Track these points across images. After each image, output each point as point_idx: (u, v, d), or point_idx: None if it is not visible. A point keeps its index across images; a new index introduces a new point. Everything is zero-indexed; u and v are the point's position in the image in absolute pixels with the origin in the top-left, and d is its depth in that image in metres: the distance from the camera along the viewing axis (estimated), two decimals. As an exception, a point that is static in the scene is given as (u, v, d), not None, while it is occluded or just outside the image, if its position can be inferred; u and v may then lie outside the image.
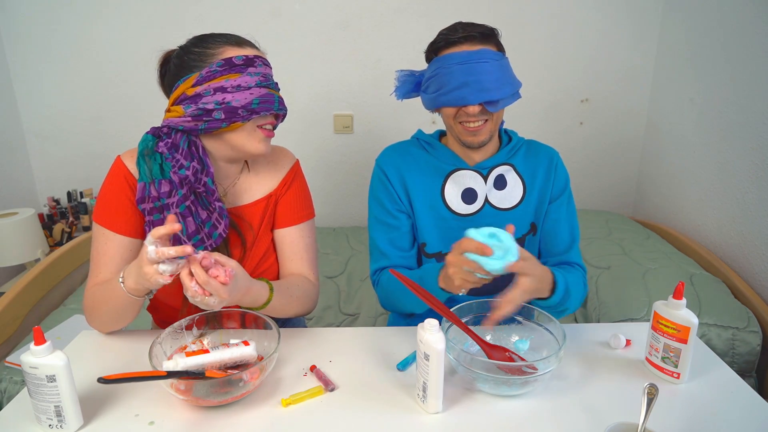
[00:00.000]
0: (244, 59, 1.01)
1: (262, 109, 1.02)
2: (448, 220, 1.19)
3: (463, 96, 1.07)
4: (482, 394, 0.92)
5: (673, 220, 2.20)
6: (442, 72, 1.10)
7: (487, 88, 1.06)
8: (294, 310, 1.11)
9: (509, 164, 1.19)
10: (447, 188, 1.19)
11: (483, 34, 1.09)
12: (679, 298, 0.92)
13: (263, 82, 1.03)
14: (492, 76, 1.07)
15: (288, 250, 1.16)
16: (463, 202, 1.18)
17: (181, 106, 1.01)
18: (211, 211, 1.06)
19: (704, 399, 0.91)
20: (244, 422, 0.86)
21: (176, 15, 2.28)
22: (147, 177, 1.02)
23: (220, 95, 0.99)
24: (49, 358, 0.79)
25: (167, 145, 1.02)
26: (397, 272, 0.98)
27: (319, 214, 2.58)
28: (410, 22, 2.30)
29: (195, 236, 1.04)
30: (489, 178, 1.18)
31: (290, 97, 2.38)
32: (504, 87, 1.08)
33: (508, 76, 1.10)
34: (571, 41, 2.32)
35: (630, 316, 1.59)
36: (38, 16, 2.28)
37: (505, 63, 1.11)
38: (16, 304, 1.69)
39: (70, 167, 2.50)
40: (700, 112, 2.00)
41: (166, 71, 1.07)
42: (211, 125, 1.01)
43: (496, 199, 1.18)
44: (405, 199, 1.21)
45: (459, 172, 1.18)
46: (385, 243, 1.21)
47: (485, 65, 1.07)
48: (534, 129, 2.42)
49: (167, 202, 1.02)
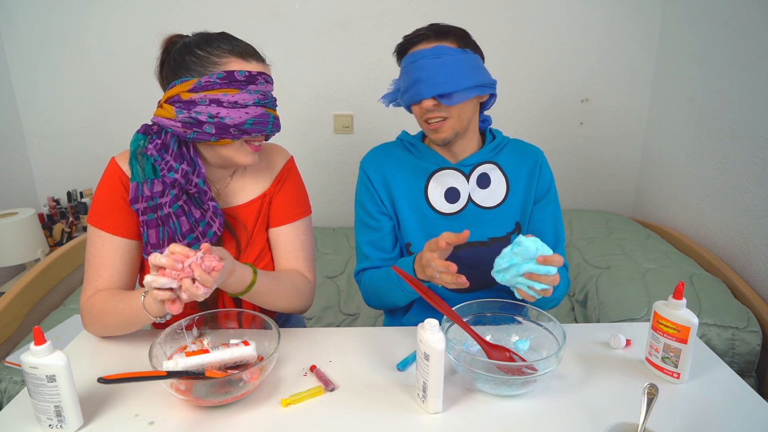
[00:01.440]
0: (246, 75, 0.98)
1: (254, 131, 1.01)
2: (432, 219, 1.20)
3: (417, 91, 1.09)
4: (482, 394, 0.92)
5: (673, 220, 2.20)
6: (402, 73, 1.14)
7: (439, 82, 1.07)
8: (284, 301, 1.09)
9: (493, 162, 1.20)
10: (430, 188, 1.20)
11: (437, 32, 1.11)
12: (679, 298, 0.92)
13: (261, 101, 1.01)
14: (445, 70, 1.07)
15: (283, 248, 1.15)
16: (447, 201, 1.19)
17: (173, 108, 0.98)
18: (205, 210, 1.05)
19: (704, 399, 0.91)
20: (244, 422, 0.86)
21: (176, 15, 2.28)
22: (140, 177, 1.01)
23: (215, 108, 0.97)
24: (49, 358, 0.79)
25: (156, 147, 1.01)
26: (401, 271, 0.97)
27: (319, 214, 2.59)
28: (410, 22, 2.28)
29: (189, 235, 1.04)
30: (471, 176, 1.19)
31: (290, 97, 2.40)
32: (459, 80, 1.08)
33: (466, 70, 1.09)
34: (572, 41, 2.32)
35: (630, 316, 1.59)
36: (38, 17, 2.28)
37: (464, 58, 1.10)
38: (16, 304, 1.69)
39: (70, 167, 2.50)
40: (700, 112, 2.00)
41: (165, 60, 1.03)
42: (200, 137, 0.99)
43: (479, 197, 1.19)
44: (388, 201, 1.22)
45: (442, 172, 1.19)
46: (367, 245, 1.24)
47: (438, 60, 1.08)
48: (534, 129, 2.42)
49: (160, 202, 1.01)
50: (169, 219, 1.03)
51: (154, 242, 1.03)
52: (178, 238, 1.03)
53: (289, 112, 2.42)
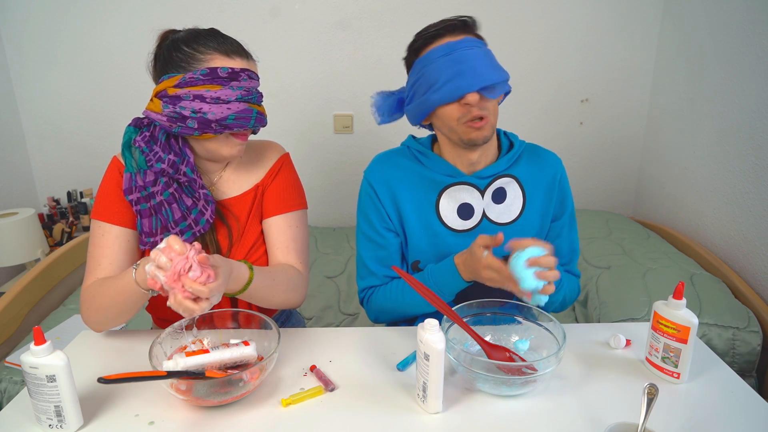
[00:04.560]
0: (229, 72, 1.00)
1: (235, 125, 1.02)
2: (444, 236, 1.13)
3: (459, 85, 0.99)
4: (482, 394, 0.92)
5: (673, 220, 2.20)
6: (428, 70, 1.03)
7: (482, 73, 1.00)
8: (280, 297, 1.08)
9: (510, 176, 1.13)
10: (442, 203, 1.12)
11: (464, 22, 1.04)
12: (679, 298, 0.92)
13: (245, 97, 1.02)
14: (482, 60, 1.01)
15: (275, 239, 1.14)
16: (459, 217, 1.12)
17: (160, 102, 1.02)
18: (197, 198, 1.07)
19: (704, 399, 0.91)
20: (244, 422, 0.86)
21: (176, 15, 2.28)
22: (133, 168, 1.05)
23: (198, 104, 0.99)
24: (49, 358, 0.79)
25: (145, 139, 1.05)
26: (414, 280, 0.96)
27: (319, 214, 2.59)
28: (410, 22, 2.28)
29: (182, 222, 1.06)
30: (486, 192, 1.12)
31: (290, 97, 2.40)
32: (496, 72, 1.02)
33: (496, 63, 1.05)
34: (571, 41, 2.32)
35: (630, 316, 1.59)
36: (39, 17, 2.28)
37: (489, 51, 1.05)
38: (16, 304, 1.69)
39: (70, 167, 2.50)
40: (700, 112, 2.00)
41: (158, 53, 1.07)
42: (184, 131, 1.02)
43: (494, 213, 1.13)
44: (395, 216, 1.16)
45: (454, 187, 1.12)
46: (372, 261, 1.18)
47: (474, 51, 1.01)
48: (534, 129, 2.42)
49: (152, 191, 1.04)
50: (162, 207, 1.05)
51: (147, 231, 1.06)
52: (171, 226, 1.05)
53: (289, 112, 2.42)
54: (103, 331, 1.10)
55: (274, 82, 2.37)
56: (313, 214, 2.48)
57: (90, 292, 1.04)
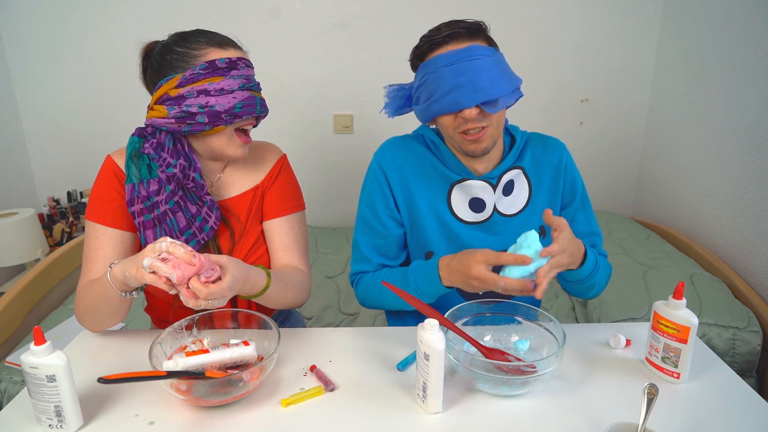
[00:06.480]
0: (227, 62, 1.01)
1: (244, 113, 1.03)
2: (455, 227, 1.12)
3: (457, 100, 0.98)
4: (482, 394, 0.92)
5: (673, 220, 2.20)
6: (430, 78, 1.01)
7: (482, 87, 0.97)
8: (289, 300, 1.10)
9: (518, 167, 1.13)
10: (453, 195, 1.12)
11: (469, 29, 1.00)
12: (679, 298, 0.92)
13: (246, 85, 1.03)
14: (485, 73, 0.97)
15: (278, 241, 1.15)
16: (471, 210, 1.12)
17: (164, 107, 1.01)
18: (201, 205, 1.07)
19: (704, 399, 0.91)
20: (244, 422, 0.85)
21: (176, 15, 2.28)
22: (135, 178, 1.03)
23: (204, 98, 1.00)
24: (49, 358, 0.79)
25: (153, 146, 1.03)
26: (391, 285, 0.96)
27: (319, 214, 2.59)
28: (410, 22, 2.30)
29: (187, 231, 1.05)
30: (498, 187, 1.11)
31: (290, 97, 2.40)
32: (501, 84, 0.99)
33: (504, 72, 1.01)
34: (571, 41, 2.32)
35: (630, 316, 1.59)
36: (39, 17, 2.28)
37: (499, 58, 1.01)
38: (16, 304, 1.69)
39: (70, 167, 2.50)
40: (700, 112, 2.00)
41: (147, 65, 1.07)
42: (195, 128, 1.01)
43: (503, 206, 1.12)
44: (404, 205, 1.14)
45: (467, 182, 1.11)
46: (369, 248, 1.17)
47: (476, 62, 0.98)
48: (533, 129, 2.37)
49: (156, 200, 1.03)
50: (166, 217, 1.04)
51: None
52: (176, 235, 1.04)
53: (289, 112, 2.42)
54: (99, 331, 1.10)
55: (274, 82, 2.37)
56: (312, 214, 2.49)
57: (81, 292, 1.04)
